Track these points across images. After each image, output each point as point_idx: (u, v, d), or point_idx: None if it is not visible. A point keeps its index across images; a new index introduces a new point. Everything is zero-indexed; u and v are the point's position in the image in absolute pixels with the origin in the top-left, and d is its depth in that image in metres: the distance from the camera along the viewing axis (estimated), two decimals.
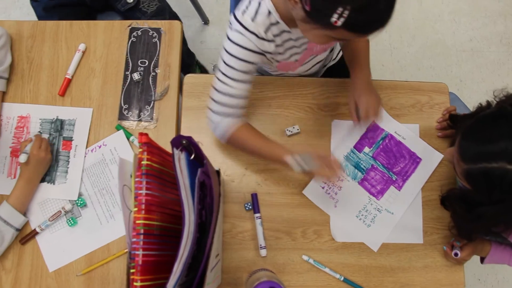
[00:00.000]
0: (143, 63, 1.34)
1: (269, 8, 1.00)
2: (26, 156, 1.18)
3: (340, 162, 1.10)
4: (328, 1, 0.82)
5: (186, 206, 0.89)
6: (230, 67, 1.05)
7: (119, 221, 1.24)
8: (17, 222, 1.19)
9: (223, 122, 1.13)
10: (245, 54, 1.04)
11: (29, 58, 1.37)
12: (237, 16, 1.02)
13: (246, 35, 1.01)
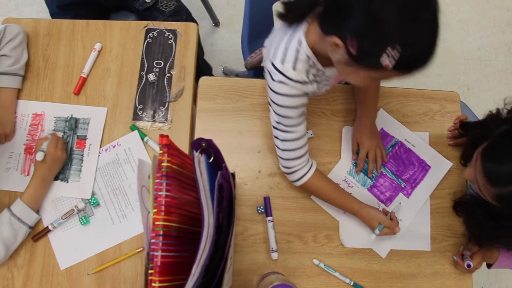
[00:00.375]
0: (158, 64, 1.35)
1: (307, 53, 0.99)
2: (42, 154, 1.18)
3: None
4: (376, 42, 0.82)
5: (206, 208, 0.90)
6: (286, 117, 1.07)
7: (132, 221, 1.25)
8: (30, 219, 1.19)
9: (299, 170, 1.18)
10: (294, 101, 1.04)
11: (45, 56, 1.37)
12: (277, 66, 1.00)
13: (291, 85, 1.01)
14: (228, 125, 1.31)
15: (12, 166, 1.29)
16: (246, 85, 1.34)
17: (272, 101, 1.06)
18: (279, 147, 1.15)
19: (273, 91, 1.03)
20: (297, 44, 0.99)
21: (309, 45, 0.98)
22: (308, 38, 0.98)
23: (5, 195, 1.28)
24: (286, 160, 1.17)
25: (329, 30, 0.89)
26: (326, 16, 0.91)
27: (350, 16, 0.83)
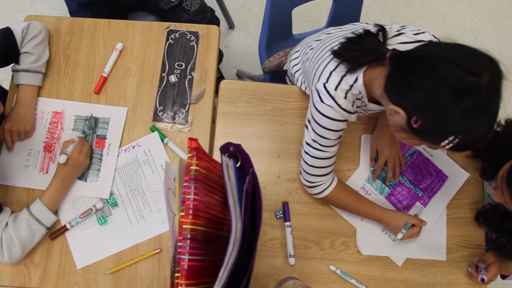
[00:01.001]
0: (179, 65, 1.35)
1: (360, 90, 1.02)
2: (65, 157, 1.18)
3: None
4: (441, 130, 0.85)
5: (233, 213, 0.90)
6: (323, 137, 1.09)
7: (150, 223, 1.24)
8: (48, 221, 1.19)
9: (321, 185, 1.20)
10: (337, 125, 1.07)
11: (65, 54, 1.37)
12: (329, 90, 1.03)
13: (338, 111, 1.04)
14: (248, 129, 1.32)
15: (31, 164, 1.29)
16: (268, 90, 1.34)
17: (315, 120, 1.08)
18: (307, 162, 1.16)
19: (319, 112, 1.06)
20: (353, 80, 1.01)
21: (364, 83, 1.00)
22: (365, 77, 1.00)
23: (24, 192, 1.28)
24: (311, 175, 1.18)
25: (394, 99, 0.91)
26: (392, 82, 0.92)
27: (417, 92, 0.85)
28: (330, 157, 1.15)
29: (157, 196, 1.26)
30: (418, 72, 0.86)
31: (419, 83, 0.85)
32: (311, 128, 1.11)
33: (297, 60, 1.38)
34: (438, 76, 0.83)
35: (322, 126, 1.08)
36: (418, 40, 1.01)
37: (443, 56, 0.85)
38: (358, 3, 1.61)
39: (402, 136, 0.96)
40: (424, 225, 1.21)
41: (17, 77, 1.29)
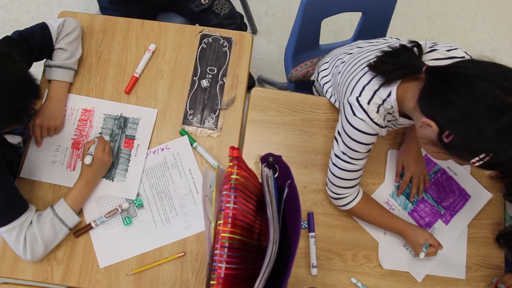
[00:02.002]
0: (211, 70, 1.35)
1: (392, 105, 1.03)
2: (91, 158, 1.19)
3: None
4: (473, 147, 0.86)
5: (272, 225, 0.91)
6: (353, 150, 1.10)
7: (175, 226, 1.25)
8: (71, 222, 1.19)
9: (347, 197, 1.21)
10: (368, 138, 1.08)
11: (98, 52, 1.37)
12: (362, 104, 1.04)
13: (370, 124, 1.05)
14: (277, 137, 1.32)
15: (58, 160, 1.29)
16: (298, 100, 1.35)
17: (346, 132, 1.09)
18: (334, 174, 1.17)
19: (350, 125, 1.07)
20: (387, 95, 1.03)
21: (397, 97, 1.02)
22: (398, 91, 1.02)
23: (49, 188, 1.28)
24: (338, 187, 1.20)
25: (428, 112, 0.92)
26: (427, 96, 0.93)
27: (453, 107, 0.87)
28: (358, 170, 1.16)
29: (183, 200, 1.26)
30: (455, 87, 0.88)
31: (455, 98, 0.87)
32: (341, 140, 1.12)
33: (327, 71, 1.39)
34: (475, 93, 0.85)
35: (353, 139, 1.09)
36: (450, 56, 1.03)
37: (481, 74, 0.86)
38: (387, 17, 1.62)
39: (430, 149, 0.97)
40: (440, 249, 1.22)
41: (50, 72, 1.29)
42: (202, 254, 1.23)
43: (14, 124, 1.02)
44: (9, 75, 0.92)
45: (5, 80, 0.91)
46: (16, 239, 1.13)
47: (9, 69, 0.93)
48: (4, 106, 0.92)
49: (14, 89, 0.93)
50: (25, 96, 0.97)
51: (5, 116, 0.95)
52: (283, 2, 2.24)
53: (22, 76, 0.96)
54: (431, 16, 2.25)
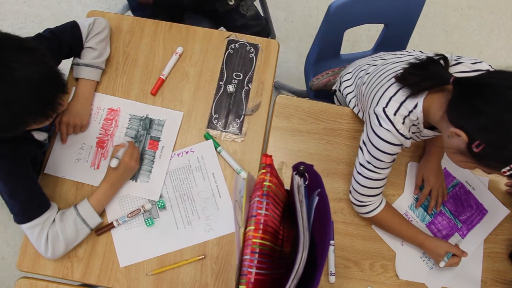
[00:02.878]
0: (237, 76, 1.37)
1: (418, 116, 1.05)
2: (117, 161, 1.20)
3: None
4: (502, 155, 0.88)
5: (302, 233, 0.92)
6: (378, 160, 1.13)
7: (196, 229, 1.26)
8: (93, 222, 1.20)
9: (370, 205, 1.23)
10: (393, 149, 1.10)
11: (125, 53, 1.38)
12: (389, 114, 1.06)
13: (396, 135, 1.07)
14: (300, 145, 1.34)
15: (83, 158, 1.30)
16: (322, 109, 1.36)
17: (371, 142, 1.11)
18: (359, 182, 1.19)
19: (376, 135, 1.09)
20: (413, 106, 1.05)
21: (423, 109, 1.04)
22: (424, 103, 1.03)
23: (72, 186, 1.29)
24: (362, 195, 1.21)
25: (457, 121, 0.94)
26: (456, 106, 0.95)
27: (483, 116, 0.88)
28: (382, 179, 1.18)
29: (205, 203, 1.27)
30: (485, 97, 0.89)
31: (485, 107, 0.89)
32: (366, 150, 1.14)
33: (349, 82, 1.41)
34: (505, 102, 0.87)
35: (378, 149, 1.11)
36: (476, 69, 1.05)
37: (511, 84, 0.88)
38: (408, 30, 1.64)
39: (458, 159, 0.99)
40: (464, 256, 1.24)
41: (78, 70, 1.30)
42: (222, 258, 1.24)
43: (41, 119, 1.02)
44: (36, 69, 0.92)
45: (32, 73, 0.91)
46: (38, 236, 1.14)
47: (37, 63, 0.93)
48: (30, 99, 0.93)
49: (41, 82, 0.93)
50: (51, 90, 0.97)
51: (31, 109, 0.95)
52: (302, 9, 2.26)
53: (49, 70, 0.96)
54: (448, 30, 2.28)
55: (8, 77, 0.88)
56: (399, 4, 1.51)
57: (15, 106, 0.91)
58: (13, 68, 0.88)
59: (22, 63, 0.90)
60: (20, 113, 0.94)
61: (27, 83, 0.90)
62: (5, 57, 0.89)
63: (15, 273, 1.93)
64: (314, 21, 2.20)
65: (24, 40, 0.95)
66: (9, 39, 0.93)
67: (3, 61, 0.88)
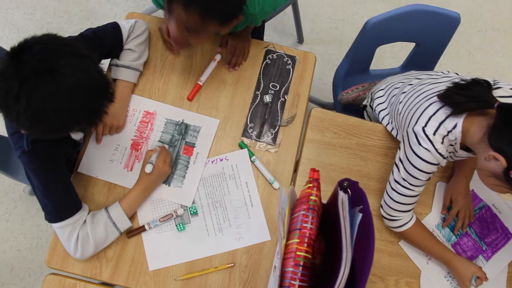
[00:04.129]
0: (274, 86, 1.38)
1: (456, 135, 1.07)
2: (151, 167, 1.21)
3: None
4: None
5: (345, 248, 0.93)
6: (415, 177, 1.14)
7: (227, 237, 1.26)
8: (123, 226, 1.21)
9: (401, 219, 1.25)
10: (430, 167, 1.12)
11: (163, 56, 1.39)
12: (428, 134, 1.08)
13: (434, 154, 1.09)
14: (332, 159, 1.35)
15: (116, 159, 1.30)
16: (355, 125, 1.38)
17: (408, 160, 1.12)
18: (392, 198, 1.20)
19: (414, 153, 1.11)
20: (452, 127, 1.06)
21: (462, 130, 1.05)
22: (464, 123, 1.05)
23: (105, 186, 1.29)
24: (394, 210, 1.22)
25: (497, 146, 0.96)
26: (498, 130, 0.97)
27: None
28: (415, 196, 1.20)
29: (237, 212, 1.28)
30: None
31: None
32: (402, 167, 1.16)
33: (382, 99, 1.42)
34: None
35: (415, 167, 1.13)
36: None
37: None
38: (439, 50, 1.65)
39: (491, 182, 1.02)
40: (486, 281, 1.25)
41: (117, 71, 1.31)
42: (251, 267, 1.25)
43: (85, 125, 1.03)
44: (87, 76, 0.92)
45: (83, 81, 0.91)
46: (69, 237, 1.14)
47: (89, 70, 0.93)
48: (79, 106, 0.93)
49: (91, 90, 0.94)
50: (99, 98, 0.97)
51: (79, 116, 0.95)
52: (328, 22, 2.28)
53: (100, 79, 0.97)
54: (471, 51, 2.30)
55: (62, 84, 0.88)
56: (434, 24, 1.53)
57: (65, 112, 0.90)
58: (66, 74, 0.88)
59: (76, 70, 0.89)
60: (69, 119, 0.93)
61: (79, 90, 0.90)
62: (60, 63, 0.88)
63: (30, 265, 1.92)
64: (339, 33, 2.22)
65: (78, 46, 0.95)
66: (65, 45, 0.93)
67: (58, 67, 0.88)
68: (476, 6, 2.38)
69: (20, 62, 0.87)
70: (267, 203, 1.29)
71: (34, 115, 0.88)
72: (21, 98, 0.86)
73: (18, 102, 0.86)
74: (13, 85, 0.85)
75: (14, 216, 1.97)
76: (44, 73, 0.86)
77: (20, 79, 0.85)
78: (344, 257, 0.92)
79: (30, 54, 0.88)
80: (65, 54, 0.90)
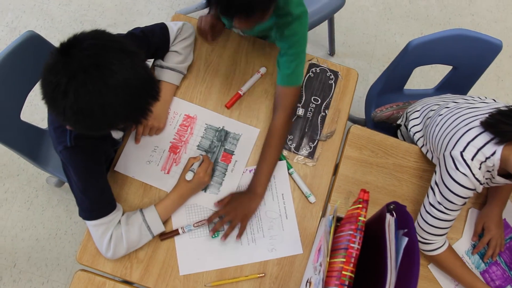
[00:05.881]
0: (315, 100, 1.38)
1: (495, 162, 1.07)
2: (192, 174, 1.21)
3: None
4: None
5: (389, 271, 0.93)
6: (451, 202, 1.14)
7: (260, 247, 1.26)
8: (157, 230, 1.20)
9: (435, 243, 1.24)
10: (466, 192, 1.12)
11: (207, 61, 1.39)
12: (466, 159, 1.08)
13: (471, 180, 1.09)
14: (368, 177, 1.35)
15: (154, 160, 1.30)
16: (393, 145, 1.38)
17: (445, 184, 1.13)
18: (427, 222, 1.21)
19: (451, 178, 1.11)
20: (491, 153, 1.07)
21: (501, 157, 1.06)
22: (504, 151, 1.06)
23: (141, 186, 1.29)
24: (428, 233, 1.22)
25: None
26: None
27: None
28: (450, 220, 1.20)
29: (272, 223, 1.28)
30: None
31: None
32: (438, 191, 1.16)
33: (417, 120, 1.43)
34: None
35: (452, 191, 1.13)
36: None
37: None
38: (476, 75, 1.65)
39: None
40: None
41: (160, 73, 1.31)
42: (282, 278, 1.25)
43: (131, 124, 1.02)
44: (134, 74, 0.91)
45: (131, 78, 0.90)
46: (102, 236, 1.14)
47: (136, 67, 0.93)
48: (126, 104, 0.92)
49: (138, 88, 0.92)
50: (145, 97, 0.96)
51: (124, 114, 0.94)
52: (361, 36, 2.28)
53: (146, 76, 0.96)
54: (500, 76, 2.30)
55: (109, 80, 0.87)
56: (474, 49, 1.53)
57: (111, 109, 0.89)
58: (114, 71, 0.87)
59: (123, 66, 0.89)
60: (114, 116, 0.92)
61: (126, 87, 0.89)
62: (108, 59, 0.88)
63: (47, 255, 1.92)
64: (371, 48, 2.22)
65: (126, 43, 0.94)
66: (114, 42, 0.92)
67: (106, 63, 0.87)
68: (509, 31, 2.38)
69: (69, 57, 0.86)
70: (302, 216, 1.29)
71: (81, 110, 0.87)
72: (68, 93, 0.85)
73: (65, 97, 0.85)
74: (62, 80, 0.85)
75: (35, 205, 1.97)
76: (92, 69, 0.86)
77: (68, 74, 0.85)
78: (388, 281, 0.92)
79: (79, 49, 0.87)
80: (113, 51, 0.90)
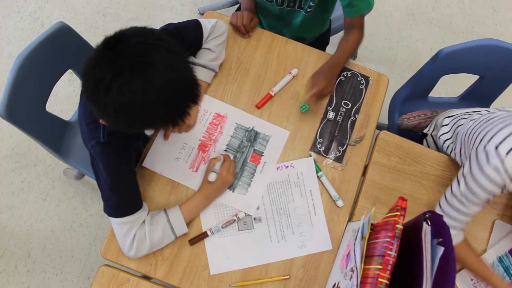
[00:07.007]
0: (346, 104, 1.37)
1: None
2: (215, 175, 1.20)
3: None
4: None
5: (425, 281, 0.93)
6: (474, 194, 1.11)
7: (289, 244, 1.26)
8: (180, 231, 1.20)
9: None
10: (493, 188, 1.09)
11: (239, 60, 1.39)
12: (501, 153, 1.05)
13: (501, 174, 1.06)
14: (395, 184, 1.34)
15: (182, 158, 1.29)
16: (421, 153, 1.37)
17: (473, 176, 1.10)
18: (444, 210, 1.19)
19: (481, 170, 1.08)
20: None
21: None
22: None
23: (168, 183, 1.29)
24: None
25: None
26: None
27: None
28: (468, 214, 1.17)
29: (301, 219, 1.27)
30: None
31: None
32: (464, 182, 1.14)
33: (447, 128, 1.42)
34: None
35: (478, 183, 1.10)
36: None
37: None
38: (503, 86, 1.65)
39: None
40: None
41: None
42: (306, 281, 1.25)
43: (169, 125, 1.01)
44: (178, 75, 0.90)
45: (174, 79, 0.89)
46: (126, 234, 1.13)
47: (180, 69, 0.92)
48: (166, 104, 0.90)
49: (180, 89, 0.91)
50: (186, 99, 0.95)
51: (163, 114, 0.93)
52: (383, 41, 2.28)
53: (190, 79, 0.95)
54: None
55: (154, 79, 0.85)
56: (503, 59, 1.53)
57: (151, 108, 0.88)
58: (159, 70, 0.86)
59: (168, 67, 0.87)
60: (153, 116, 0.91)
61: (169, 88, 0.88)
62: (155, 58, 0.86)
63: (61, 247, 1.92)
64: (392, 54, 2.22)
65: (173, 43, 0.93)
66: (161, 40, 0.91)
67: (152, 62, 0.86)
68: None
69: (115, 53, 0.85)
70: (328, 220, 1.29)
71: (122, 107, 0.86)
72: (112, 89, 0.84)
73: (108, 92, 0.84)
74: (106, 75, 0.84)
75: (51, 196, 1.96)
76: (138, 66, 0.84)
77: (114, 70, 0.84)
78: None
79: (126, 45, 0.86)
80: (160, 50, 0.88)
